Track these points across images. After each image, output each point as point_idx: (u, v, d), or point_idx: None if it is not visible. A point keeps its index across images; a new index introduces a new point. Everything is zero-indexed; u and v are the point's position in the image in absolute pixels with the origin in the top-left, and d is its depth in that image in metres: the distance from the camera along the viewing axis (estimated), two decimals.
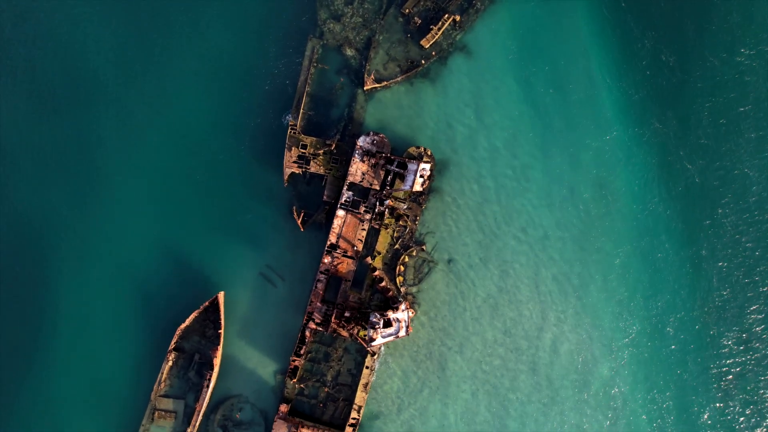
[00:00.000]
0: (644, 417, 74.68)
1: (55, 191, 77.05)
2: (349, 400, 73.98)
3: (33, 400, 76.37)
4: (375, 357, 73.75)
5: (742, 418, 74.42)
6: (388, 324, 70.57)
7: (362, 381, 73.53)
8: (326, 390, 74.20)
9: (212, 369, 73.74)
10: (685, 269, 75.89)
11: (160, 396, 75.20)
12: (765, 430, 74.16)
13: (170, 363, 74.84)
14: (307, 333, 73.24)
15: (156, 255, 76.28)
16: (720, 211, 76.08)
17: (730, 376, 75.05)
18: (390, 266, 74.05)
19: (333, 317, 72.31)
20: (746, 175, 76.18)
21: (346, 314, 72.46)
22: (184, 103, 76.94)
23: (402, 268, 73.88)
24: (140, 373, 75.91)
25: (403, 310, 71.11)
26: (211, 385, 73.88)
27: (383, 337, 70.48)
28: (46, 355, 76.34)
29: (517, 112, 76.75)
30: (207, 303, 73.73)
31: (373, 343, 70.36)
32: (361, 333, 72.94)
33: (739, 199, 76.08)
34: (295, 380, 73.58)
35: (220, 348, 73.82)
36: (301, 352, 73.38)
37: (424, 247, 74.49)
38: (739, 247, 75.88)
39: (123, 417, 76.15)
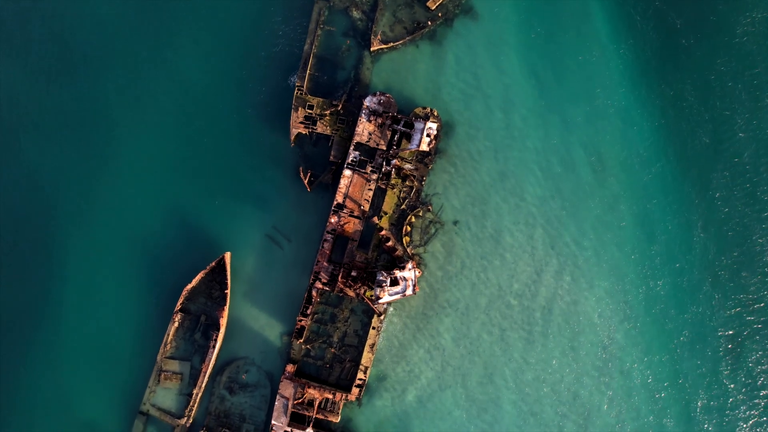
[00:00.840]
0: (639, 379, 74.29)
1: (62, 153, 77.29)
2: (356, 361, 73.72)
3: (39, 363, 76.36)
4: (381, 317, 73.51)
5: (732, 385, 73.77)
6: (395, 282, 70.36)
7: (369, 341, 73.28)
8: (332, 351, 73.95)
9: (218, 330, 73.58)
10: (685, 232, 75.29)
11: (166, 358, 75.08)
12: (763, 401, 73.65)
13: (176, 324, 74.72)
14: (314, 293, 73.08)
15: (162, 216, 76.35)
16: (722, 174, 75.64)
17: (728, 342, 74.35)
18: (397, 227, 73.92)
19: (340, 277, 72.16)
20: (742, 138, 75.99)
21: (353, 274, 72.29)
22: (191, 65, 77.21)
23: (408, 229, 73.73)
24: (146, 335, 75.83)
25: (410, 269, 70.91)
26: (218, 345, 73.73)
27: (390, 295, 70.25)
28: (52, 318, 76.39)
29: (521, 75, 76.69)
30: (213, 263, 73.66)
31: (380, 301, 70.15)
32: (368, 293, 72.76)
33: (737, 163, 75.75)
34: (301, 341, 73.36)
35: (227, 309, 73.67)
36: (308, 312, 73.20)
37: (430, 208, 74.34)
38: (736, 210, 75.39)
39: (129, 379, 76.07)
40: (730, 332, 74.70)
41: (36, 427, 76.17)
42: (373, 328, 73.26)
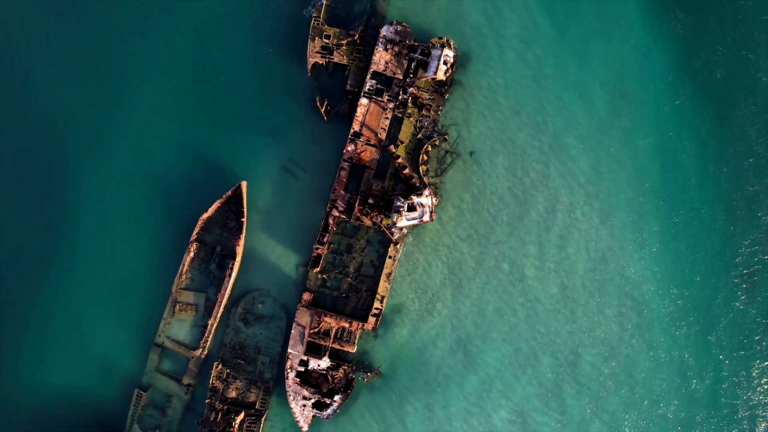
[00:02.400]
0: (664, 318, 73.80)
1: (76, 87, 77.27)
2: (372, 291, 73.36)
3: (53, 296, 76.13)
4: (398, 246, 73.20)
5: (747, 317, 73.22)
6: (412, 209, 70.14)
7: (385, 271, 72.96)
8: (348, 281, 73.57)
9: (234, 259, 73.26)
10: (704, 170, 74.94)
11: (181, 289, 74.76)
12: None
13: (191, 255, 74.42)
14: (330, 221, 72.86)
15: (177, 148, 76.28)
16: (739, 108, 75.37)
17: (746, 277, 73.89)
18: (413, 156, 73.81)
19: (356, 204, 71.95)
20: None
21: (370, 201, 72.07)
22: None
23: (425, 157, 73.60)
24: (161, 267, 75.62)
25: (426, 196, 70.70)
26: (233, 274, 73.40)
27: (408, 220, 70.00)
28: (67, 250, 76.23)
29: (538, 9, 76.58)
30: (230, 192, 73.50)
31: (398, 225, 69.88)
32: (384, 221, 72.53)
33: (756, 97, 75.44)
34: (317, 270, 73.01)
35: (243, 237, 73.37)
36: (324, 240, 72.92)
37: (446, 138, 74.24)
38: (751, 146, 75.04)
39: (144, 311, 75.81)
40: (746, 266, 74.13)
41: (51, 361, 75.91)
42: (390, 257, 72.95)
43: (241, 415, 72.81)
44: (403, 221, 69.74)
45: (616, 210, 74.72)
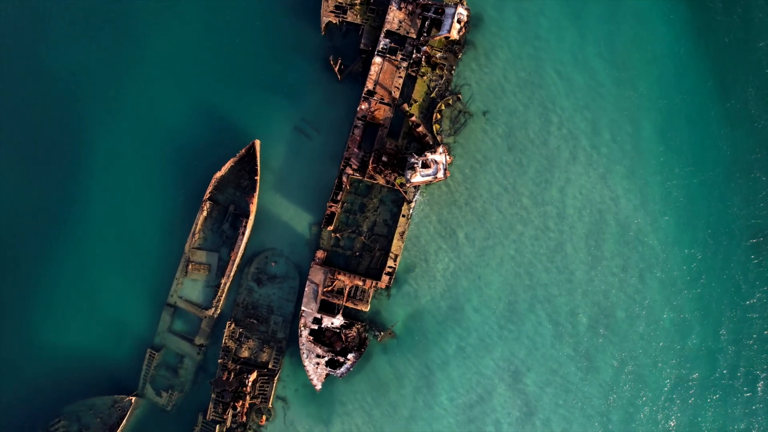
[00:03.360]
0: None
1: (90, 47, 77.28)
2: (385, 250, 73.25)
3: (66, 256, 75.94)
4: (411, 205, 73.14)
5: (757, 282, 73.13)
6: (425, 165, 70.10)
7: (398, 230, 72.87)
8: (362, 240, 73.46)
9: (248, 217, 73.15)
10: (717, 128, 74.91)
11: (194, 248, 74.61)
12: None
13: (205, 213, 74.32)
14: (344, 179, 72.79)
15: (190, 107, 76.26)
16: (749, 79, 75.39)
17: (752, 240, 73.78)
18: (426, 115, 73.81)
19: (370, 162, 71.90)
20: None
21: (383, 159, 72.05)
22: None
23: (438, 116, 73.61)
24: (174, 226, 75.52)
25: (440, 153, 70.68)
26: (247, 232, 73.27)
27: (422, 176, 69.95)
28: (80, 209, 76.17)
29: None
30: (243, 151, 73.43)
31: (412, 181, 69.83)
32: (398, 180, 72.48)
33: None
34: (330, 228, 72.90)
35: (256, 195, 73.27)
36: (338, 198, 72.84)
37: (460, 97, 74.27)
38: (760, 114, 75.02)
39: (156, 271, 75.68)
40: (754, 234, 73.92)
41: (63, 322, 75.73)
42: (403, 215, 72.87)
43: (254, 375, 72.61)
44: (417, 178, 69.69)
45: (632, 170, 74.43)
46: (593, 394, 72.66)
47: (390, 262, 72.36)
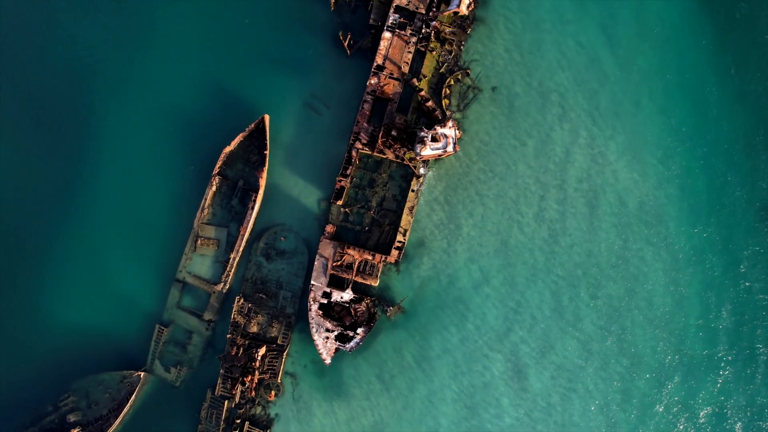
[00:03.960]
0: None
1: (100, 22, 77.29)
2: (394, 225, 73.26)
3: (74, 231, 75.96)
4: (420, 180, 73.17)
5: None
6: (435, 139, 70.13)
7: (408, 204, 72.90)
8: (371, 215, 73.48)
9: (257, 192, 73.16)
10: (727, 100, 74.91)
11: (203, 223, 74.57)
12: None
13: (214, 188, 74.32)
14: (354, 154, 72.81)
15: (199, 83, 76.29)
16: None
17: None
18: (435, 91, 73.87)
19: (380, 136, 71.95)
20: None
21: (393, 133, 72.11)
22: None
23: (447, 91, 73.69)
24: (182, 202, 75.50)
25: (450, 127, 70.72)
26: (256, 207, 73.29)
27: (431, 150, 70.00)
28: (88, 184, 76.13)
29: None
30: (252, 125, 73.45)
31: (422, 154, 69.87)
32: (408, 155, 72.53)
33: None
34: (340, 202, 72.91)
35: (265, 170, 73.29)
36: (348, 173, 72.86)
37: (469, 72, 74.33)
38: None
39: (165, 247, 75.66)
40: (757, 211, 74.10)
41: (71, 298, 75.68)
42: (412, 190, 72.91)
43: (263, 350, 72.57)
44: (427, 151, 69.74)
45: (640, 147, 74.49)
46: (593, 373, 72.61)
47: (399, 237, 72.37)
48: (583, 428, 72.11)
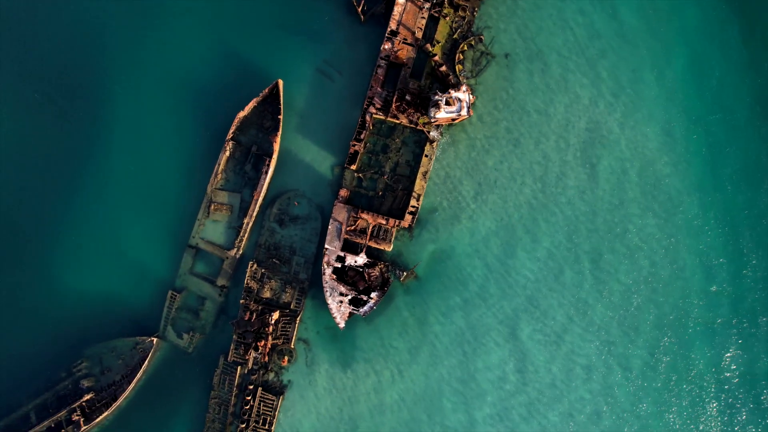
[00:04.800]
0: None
1: None
2: (408, 190, 73.26)
3: (86, 196, 76.02)
4: (434, 145, 73.16)
5: None
6: (449, 103, 70.14)
7: (421, 169, 72.88)
8: (384, 180, 73.47)
9: (271, 156, 73.20)
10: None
11: (216, 189, 74.61)
12: None
13: (227, 153, 74.38)
14: (368, 118, 72.83)
15: (212, 49, 76.23)
16: None
17: None
18: (449, 57, 73.93)
19: (394, 100, 72.00)
20: None
21: (407, 97, 72.14)
22: None
23: (461, 57, 73.72)
24: (195, 168, 75.53)
25: (464, 91, 70.75)
26: (270, 171, 73.33)
27: (446, 113, 70.01)
28: (101, 149, 76.14)
29: None
30: (266, 90, 73.53)
31: (437, 117, 69.90)
32: (422, 119, 72.56)
33: None
34: (354, 167, 72.92)
35: (279, 135, 73.34)
36: (361, 137, 72.88)
37: (482, 38, 74.38)
38: None
39: (177, 212, 75.73)
40: None
41: (84, 263, 75.73)
42: (426, 155, 72.90)
43: (276, 315, 72.52)
44: (441, 114, 69.77)
45: (651, 114, 74.51)
46: (615, 339, 72.53)
47: (413, 202, 72.36)
48: (583, 391, 72.03)
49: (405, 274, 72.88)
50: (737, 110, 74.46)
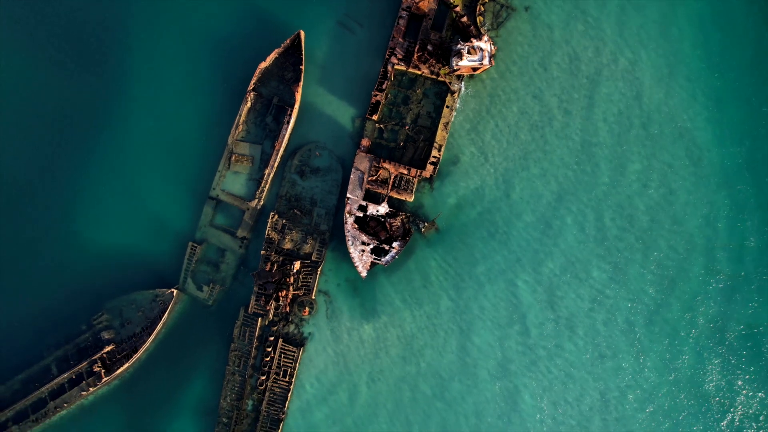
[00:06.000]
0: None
1: None
2: (429, 141, 73.35)
3: (107, 148, 75.86)
4: (455, 96, 73.28)
5: None
6: (470, 52, 70.27)
7: (442, 120, 73.01)
8: (406, 131, 73.55)
9: (292, 107, 73.20)
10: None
11: (237, 140, 74.55)
12: None
13: (249, 104, 74.34)
14: (389, 68, 72.91)
15: (232, 2, 76.30)
16: None
17: None
18: (470, 9, 74.05)
19: (416, 50, 72.11)
20: None
21: (429, 48, 72.26)
22: None
23: (482, 8, 73.87)
24: (217, 119, 75.47)
25: (486, 41, 70.90)
26: (291, 121, 73.33)
27: (468, 61, 70.15)
28: (122, 101, 76.07)
29: None
30: (288, 41, 73.55)
31: (459, 64, 70.03)
32: (443, 70, 72.67)
33: None
34: (375, 117, 72.98)
35: (301, 85, 73.35)
36: (383, 87, 72.95)
37: None
38: None
39: (198, 164, 75.65)
40: None
41: (106, 216, 75.58)
42: (447, 107, 73.01)
43: (297, 265, 72.46)
44: (464, 62, 69.89)
45: (675, 66, 74.55)
46: (625, 297, 72.74)
47: (434, 152, 72.45)
48: (606, 346, 72.18)
49: (426, 225, 72.91)
50: (741, 69, 74.38)
